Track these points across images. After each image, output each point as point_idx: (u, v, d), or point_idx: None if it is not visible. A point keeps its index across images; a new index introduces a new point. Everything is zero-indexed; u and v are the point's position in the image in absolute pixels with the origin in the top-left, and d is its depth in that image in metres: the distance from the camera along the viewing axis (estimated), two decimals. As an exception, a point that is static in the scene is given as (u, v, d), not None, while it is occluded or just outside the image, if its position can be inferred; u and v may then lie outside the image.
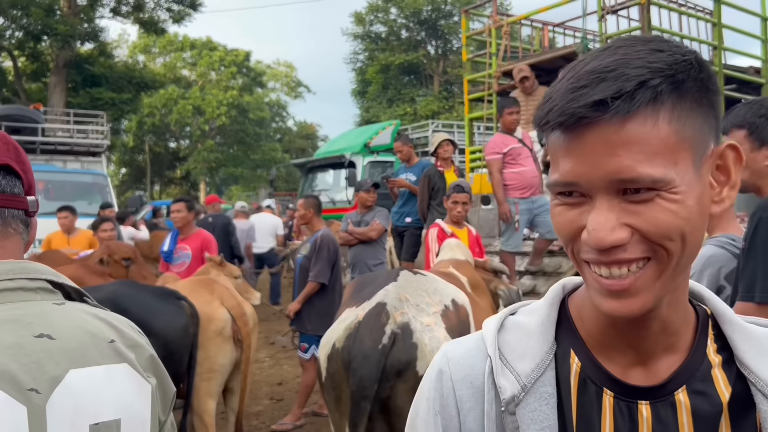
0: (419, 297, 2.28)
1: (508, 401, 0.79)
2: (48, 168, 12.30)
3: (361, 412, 2.01)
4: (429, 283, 2.45)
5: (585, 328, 0.82)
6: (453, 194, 5.03)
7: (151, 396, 0.95)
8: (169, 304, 3.37)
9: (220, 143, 38.58)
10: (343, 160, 13.63)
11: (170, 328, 3.23)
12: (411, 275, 2.45)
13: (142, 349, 0.98)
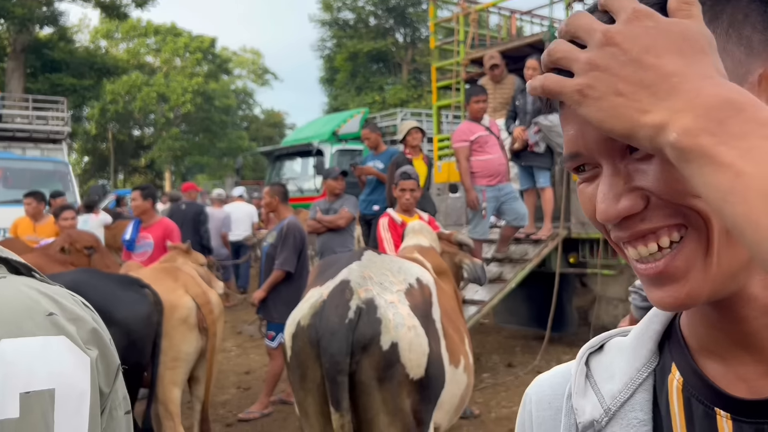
0: (383, 276, 2.28)
1: (585, 426, 0.66)
2: (6, 155, 11.96)
3: (340, 387, 2.02)
4: (393, 262, 2.46)
5: (693, 334, 0.65)
6: (400, 181, 4.88)
7: (90, 368, 0.93)
8: (132, 292, 3.30)
9: (186, 131, 37.98)
10: (311, 148, 13.53)
11: (132, 317, 3.16)
12: (375, 255, 2.45)
13: (83, 322, 0.96)
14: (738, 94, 0.48)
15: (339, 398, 2.02)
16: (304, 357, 2.14)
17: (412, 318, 2.17)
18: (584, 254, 7.04)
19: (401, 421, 2.13)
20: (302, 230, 5.56)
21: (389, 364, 2.09)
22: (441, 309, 2.52)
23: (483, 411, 5.28)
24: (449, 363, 2.47)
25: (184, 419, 4.14)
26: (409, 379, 2.13)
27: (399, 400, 2.12)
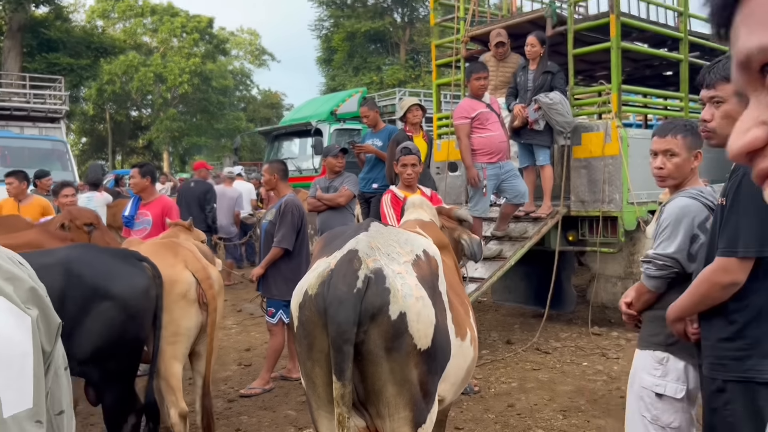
0: (390, 247, 2.27)
1: None
2: (4, 134, 11.91)
3: (345, 357, 2.01)
4: (400, 234, 2.44)
5: None
6: (401, 157, 4.85)
7: (31, 328, 0.92)
8: (129, 266, 3.28)
9: (183, 112, 37.78)
10: (309, 128, 13.48)
11: (129, 291, 3.14)
12: (382, 226, 2.44)
13: (20, 282, 0.95)
14: None
15: (343, 368, 2.02)
16: (311, 327, 2.13)
17: (420, 289, 2.17)
18: (583, 232, 7.06)
19: (408, 392, 2.13)
20: (301, 207, 5.56)
21: (397, 334, 2.09)
22: (447, 282, 2.53)
23: (482, 387, 5.32)
24: (455, 335, 2.48)
25: (186, 394, 4.17)
26: (417, 350, 2.13)
27: (407, 370, 2.12)
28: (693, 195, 2.80)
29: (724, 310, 2.34)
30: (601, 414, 4.66)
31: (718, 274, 2.29)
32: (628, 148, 6.66)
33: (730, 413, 2.30)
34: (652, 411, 2.85)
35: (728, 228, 2.27)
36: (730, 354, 2.30)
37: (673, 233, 2.75)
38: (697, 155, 2.85)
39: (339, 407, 2.04)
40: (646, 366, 2.89)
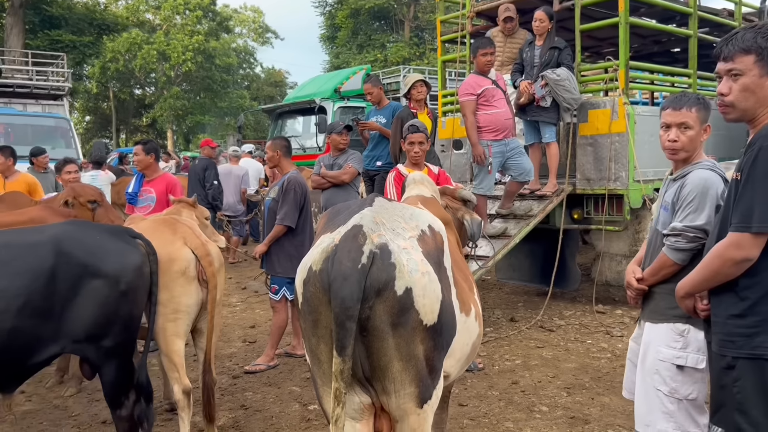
0: (395, 222, 2.25)
1: None
2: (7, 111, 11.86)
3: (347, 333, 2.00)
4: (405, 209, 2.41)
5: None
6: (408, 135, 4.78)
7: None
8: (122, 243, 3.23)
9: (187, 90, 37.61)
10: (313, 106, 13.41)
11: (121, 267, 3.11)
12: (386, 201, 2.41)
13: None
14: None
15: (344, 343, 2.01)
16: (316, 303, 2.11)
17: (426, 264, 2.15)
18: (589, 210, 7.01)
19: (414, 368, 2.12)
20: (303, 185, 5.53)
21: (403, 310, 2.07)
22: (452, 258, 2.51)
23: (486, 364, 5.32)
24: (460, 311, 2.47)
25: (191, 371, 4.19)
26: (423, 325, 2.12)
27: (412, 346, 2.11)
28: (711, 167, 2.84)
29: (735, 286, 2.31)
30: (605, 391, 4.67)
31: (731, 250, 2.26)
32: (635, 126, 6.59)
33: (739, 390, 2.28)
34: (670, 384, 2.85)
35: (742, 203, 2.23)
36: (741, 331, 2.28)
37: (701, 205, 2.76)
38: (706, 129, 2.86)
39: (337, 382, 2.03)
40: (665, 339, 2.88)
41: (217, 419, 4.27)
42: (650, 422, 2.90)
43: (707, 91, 8.05)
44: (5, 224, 4.69)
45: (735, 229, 2.25)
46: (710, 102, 2.93)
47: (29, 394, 4.93)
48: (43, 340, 2.95)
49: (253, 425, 4.24)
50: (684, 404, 2.86)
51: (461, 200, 3.59)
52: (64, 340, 3.00)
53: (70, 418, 4.45)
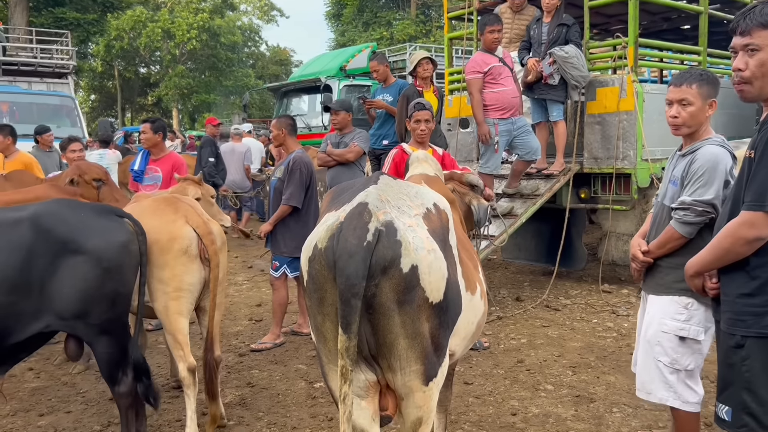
0: (400, 200, 2.23)
1: None
2: (12, 89, 11.83)
3: (353, 310, 2.00)
4: (410, 187, 2.40)
5: None
6: (414, 113, 4.70)
7: None
8: (106, 221, 3.20)
9: (192, 69, 37.46)
10: (318, 84, 13.33)
11: (104, 246, 3.09)
12: (391, 179, 2.39)
13: None
14: None
15: (350, 321, 2.00)
16: (321, 280, 2.11)
17: (431, 242, 2.14)
18: (596, 189, 6.97)
19: (420, 345, 2.12)
20: (309, 164, 5.50)
21: (409, 287, 2.06)
22: (456, 236, 2.49)
23: (492, 343, 5.33)
24: (465, 290, 2.46)
25: (197, 349, 4.20)
26: (429, 303, 2.11)
27: (418, 323, 2.11)
28: (720, 143, 2.87)
29: (746, 265, 2.29)
30: (610, 370, 4.67)
31: (743, 229, 2.23)
32: (644, 104, 6.52)
33: (747, 369, 2.28)
34: (672, 355, 2.96)
35: (756, 181, 2.20)
36: (751, 310, 2.27)
37: (710, 180, 2.81)
38: (711, 104, 2.89)
39: (343, 359, 2.03)
40: (669, 311, 2.97)
41: (224, 397, 4.31)
42: (651, 390, 3.04)
43: (717, 69, 7.95)
44: (11, 202, 4.70)
45: (748, 208, 2.22)
46: (716, 78, 2.93)
47: (38, 371, 4.97)
48: (23, 316, 2.97)
49: (260, 403, 4.26)
50: (683, 374, 2.98)
51: (468, 185, 3.57)
52: (48, 317, 3.01)
53: (78, 394, 4.48)
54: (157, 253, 3.66)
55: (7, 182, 5.35)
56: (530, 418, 3.91)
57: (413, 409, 2.22)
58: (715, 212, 2.79)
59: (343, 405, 2.06)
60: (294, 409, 4.15)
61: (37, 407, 4.26)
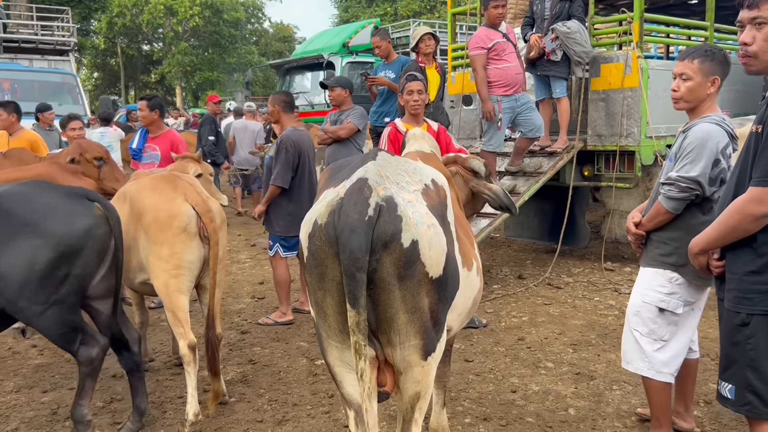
0: (399, 176, 2.23)
1: None
2: (13, 67, 11.77)
3: (359, 284, 2.00)
4: (408, 163, 2.39)
5: None
6: (406, 84, 4.56)
7: None
8: (73, 204, 3.16)
9: (195, 46, 37.26)
10: (321, 61, 13.22)
11: (64, 228, 3.05)
12: (389, 156, 2.39)
13: None
14: None
15: (357, 295, 2.00)
16: (322, 256, 2.10)
17: (431, 217, 2.15)
18: (599, 167, 6.92)
19: (420, 320, 2.13)
20: (297, 143, 5.35)
21: (410, 262, 2.07)
22: (453, 213, 2.48)
23: (493, 321, 5.34)
24: (462, 266, 2.46)
25: (199, 327, 4.22)
26: (429, 278, 2.12)
27: (418, 298, 2.11)
28: (716, 121, 2.85)
29: (753, 242, 2.28)
30: (611, 348, 4.67)
31: (752, 205, 2.21)
32: (649, 80, 6.44)
33: (752, 347, 2.27)
34: (649, 325, 3.09)
35: (764, 157, 2.17)
36: (757, 287, 2.26)
37: (698, 157, 2.84)
38: (714, 81, 2.89)
39: (355, 335, 2.03)
40: (653, 283, 3.08)
41: (225, 374, 4.34)
42: (630, 360, 3.18)
43: (725, 45, 7.84)
44: (11, 180, 4.69)
45: (756, 184, 2.19)
46: (724, 54, 2.90)
47: (41, 348, 5.00)
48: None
49: (261, 380, 4.29)
50: (658, 345, 3.07)
51: (471, 171, 3.54)
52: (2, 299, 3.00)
53: (81, 371, 4.51)
54: (157, 231, 3.66)
55: (6, 160, 5.33)
56: (530, 396, 3.93)
57: (412, 383, 2.24)
58: (699, 189, 2.85)
59: (362, 382, 2.07)
60: (295, 386, 4.17)
61: (41, 384, 4.29)
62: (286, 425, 3.62)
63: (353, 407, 2.24)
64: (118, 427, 3.60)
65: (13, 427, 3.63)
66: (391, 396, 2.33)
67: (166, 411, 3.85)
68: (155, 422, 3.70)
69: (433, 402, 3.22)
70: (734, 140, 2.91)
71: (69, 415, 3.76)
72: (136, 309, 4.51)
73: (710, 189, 2.88)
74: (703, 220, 2.83)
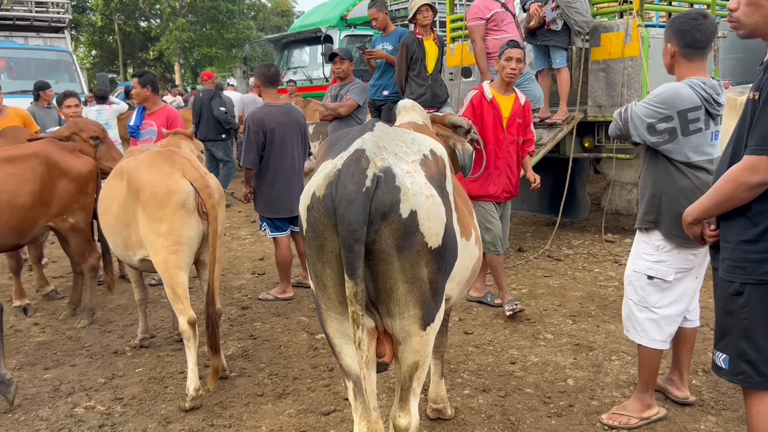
0: (397, 147, 2.22)
1: None
2: (8, 44, 11.66)
3: (356, 255, 2.00)
4: (406, 134, 2.37)
5: None
6: (506, 49, 4.52)
7: None
8: None
9: (193, 22, 36.86)
10: (318, 35, 13.09)
11: None
12: (386, 126, 2.37)
13: None
14: None
15: (354, 266, 2.01)
16: (321, 228, 2.10)
17: (429, 187, 2.14)
18: (600, 138, 6.87)
19: (419, 290, 2.14)
20: (261, 120, 5.21)
21: (408, 232, 2.07)
22: (453, 182, 2.47)
23: (493, 293, 5.34)
24: (461, 236, 2.45)
25: (200, 302, 4.23)
26: (428, 248, 2.11)
27: (417, 268, 2.11)
28: (692, 84, 2.89)
29: (747, 211, 2.26)
30: (610, 319, 4.68)
31: (746, 174, 2.19)
32: (649, 49, 6.36)
33: (745, 317, 2.27)
34: (640, 293, 3.13)
35: (760, 125, 2.14)
36: (751, 256, 2.24)
37: (653, 103, 2.99)
38: (667, 47, 3.00)
39: (353, 305, 2.04)
40: (640, 251, 3.15)
41: (226, 349, 4.36)
42: (627, 328, 3.25)
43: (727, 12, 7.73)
44: (8, 158, 4.68)
45: (752, 152, 2.17)
46: (686, 20, 2.96)
47: (43, 326, 5.03)
48: None
49: (262, 354, 4.31)
50: (651, 314, 3.12)
51: (451, 126, 3.49)
52: None
53: (83, 348, 4.54)
54: (155, 207, 3.65)
55: (1, 138, 5.31)
56: (529, 367, 3.94)
57: (410, 353, 2.24)
58: (624, 129, 3.08)
59: (360, 351, 2.08)
60: (295, 360, 4.19)
61: (43, 361, 4.32)
62: (286, 398, 3.64)
63: (352, 378, 2.25)
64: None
65: (16, 404, 3.66)
66: (390, 367, 2.34)
67: (167, 386, 3.87)
68: (157, 397, 3.72)
69: (431, 372, 3.24)
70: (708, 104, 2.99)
71: (71, 392, 3.80)
72: (135, 286, 4.53)
73: (649, 138, 2.99)
74: (680, 185, 2.96)
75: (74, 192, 4.83)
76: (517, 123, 4.76)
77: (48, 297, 5.69)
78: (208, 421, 3.42)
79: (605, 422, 3.22)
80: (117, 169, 4.14)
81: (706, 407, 3.38)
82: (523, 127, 4.84)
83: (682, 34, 2.91)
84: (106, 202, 4.09)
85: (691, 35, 2.89)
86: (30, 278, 6.01)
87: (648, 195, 3.07)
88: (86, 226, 4.98)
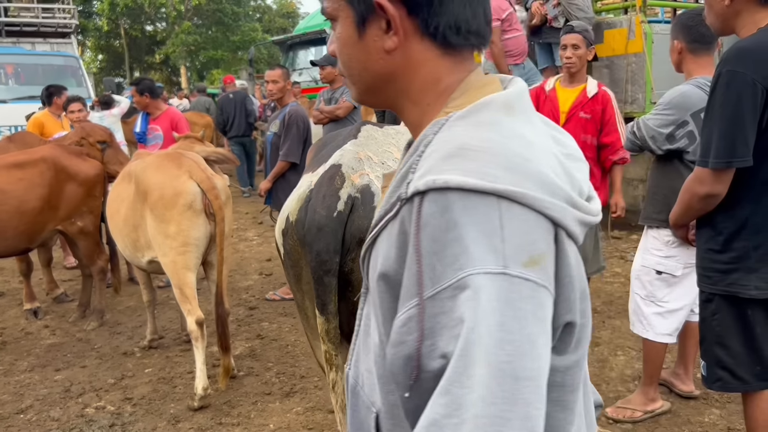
0: (385, 153, 1.98)
1: None
2: (16, 51, 11.76)
3: (327, 289, 1.79)
4: (398, 134, 2.13)
5: None
6: (562, 36, 3.80)
7: None
8: None
9: (198, 25, 36.97)
10: (323, 36, 13.12)
11: None
12: (375, 129, 2.11)
13: None
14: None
15: (325, 301, 1.78)
16: (296, 256, 1.89)
17: None
18: (604, 135, 6.86)
19: None
20: (305, 118, 5.37)
21: None
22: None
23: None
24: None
25: (208, 303, 4.27)
26: None
27: None
28: (699, 84, 2.87)
29: (712, 220, 2.27)
30: (616, 315, 4.69)
31: (696, 185, 2.22)
32: (653, 45, 6.36)
33: (718, 323, 2.27)
34: (648, 288, 3.13)
35: (704, 135, 2.16)
36: (716, 266, 2.25)
37: (663, 111, 2.96)
38: (674, 44, 2.98)
39: (325, 344, 1.85)
40: (649, 246, 3.14)
41: (234, 349, 4.40)
42: (634, 322, 3.26)
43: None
44: (16, 164, 4.74)
45: (698, 164, 2.19)
46: (684, 20, 3.01)
47: (53, 328, 5.08)
48: None
49: (269, 354, 4.35)
50: (658, 308, 3.12)
51: None
52: None
53: (93, 350, 4.59)
54: (162, 209, 3.69)
55: (11, 144, 5.37)
56: (535, 363, 3.95)
57: None
58: (642, 141, 3.03)
59: (334, 394, 1.91)
60: (302, 359, 4.22)
61: (54, 363, 4.37)
62: (294, 397, 3.68)
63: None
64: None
65: (28, 405, 3.71)
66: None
67: (176, 386, 3.92)
68: (166, 397, 3.77)
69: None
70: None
71: (81, 392, 3.85)
72: (143, 288, 4.57)
73: (666, 144, 2.97)
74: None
75: (82, 196, 4.89)
76: (580, 118, 3.79)
77: (58, 300, 5.75)
78: (217, 419, 3.46)
79: (610, 416, 3.24)
80: (125, 172, 4.19)
81: (710, 400, 3.39)
82: (592, 124, 3.79)
83: (688, 30, 2.91)
84: (115, 205, 4.14)
85: (697, 30, 2.88)
86: (40, 281, 6.08)
87: (660, 195, 3.04)
88: (94, 229, 5.04)
